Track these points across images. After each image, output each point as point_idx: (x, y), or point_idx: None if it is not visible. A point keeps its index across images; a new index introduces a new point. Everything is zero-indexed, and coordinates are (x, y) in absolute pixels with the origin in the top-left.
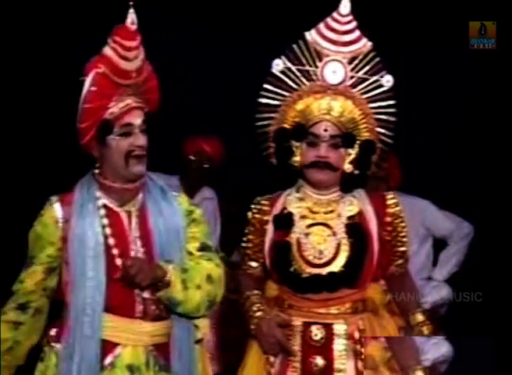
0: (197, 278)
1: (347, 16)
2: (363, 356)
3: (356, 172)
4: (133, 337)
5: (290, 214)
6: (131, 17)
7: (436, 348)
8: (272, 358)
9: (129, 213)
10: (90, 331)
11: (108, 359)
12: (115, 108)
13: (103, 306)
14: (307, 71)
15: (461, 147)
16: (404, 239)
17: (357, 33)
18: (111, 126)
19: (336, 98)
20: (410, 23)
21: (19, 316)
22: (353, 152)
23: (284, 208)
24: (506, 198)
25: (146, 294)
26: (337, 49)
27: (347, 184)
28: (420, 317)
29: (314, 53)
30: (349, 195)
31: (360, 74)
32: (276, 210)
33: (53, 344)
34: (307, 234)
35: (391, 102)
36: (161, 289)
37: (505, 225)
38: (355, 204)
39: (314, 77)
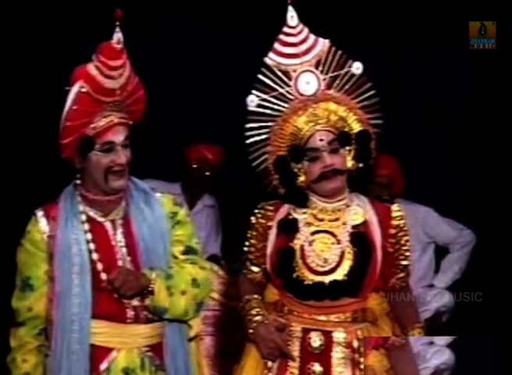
0: (182, 284)
1: (297, 26)
2: (362, 366)
3: (360, 165)
4: (126, 340)
5: (295, 220)
6: (117, 36)
7: (438, 356)
8: (269, 363)
9: (113, 222)
10: (78, 347)
11: (104, 365)
12: (96, 124)
13: (89, 322)
14: (282, 94)
15: (461, 147)
16: (407, 253)
17: (312, 37)
18: (92, 143)
19: (318, 106)
20: (410, 23)
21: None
22: (352, 148)
23: (289, 214)
24: (506, 198)
25: (135, 302)
26: (301, 60)
27: (355, 180)
28: (417, 333)
29: (281, 74)
30: (354, 204)
31: (330, 74)
32: (280, 215)
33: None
34: (311, 241)
35: (367, 86)
36: (147, 297)
37: (505, 225)
38: (360, 213)
39: (291, 97)
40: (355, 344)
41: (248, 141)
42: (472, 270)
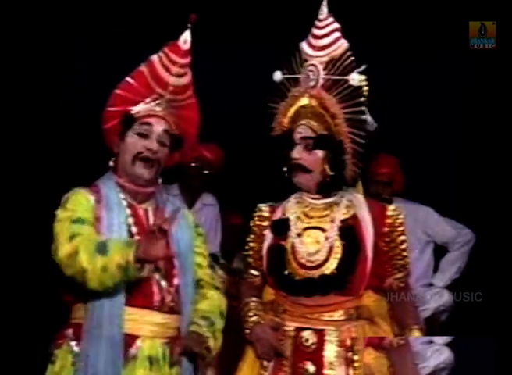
0: (218, 322)
1: (324, 20)
2: (356, 364)
3: (331, 173)
4: (150, 328)
5: (287, 219)
6: (184, 37)
7: (437, 355)
8: (265, 363)
9: (146, 211)
10: (115, 311)
11: (132, 351)
12: (141, 108)
13: (124, 298)
14: (297, 78)
15: (461, 147)
16: (404, 253)
17: (335, 35)
18: (132, 121)
19: (310, 101)
20: (410, 23)
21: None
22: (329, 154)
23: (283, 214)
24: (506, 198)
25: (163, 283)
26: (314, 54)
27: (323, 186)
28: (417, 333)
29: (302, 61)
30: (345, 200)
31: (333, 76)
32: (276, 217)
33: (70, 342)
34: (300, 237)
35: (359, 100)
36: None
37: (505, 225)
38: (350, 207)
39: (300, 84)
40: (348, 342)
41: (266, 111)
42: (472, 270)
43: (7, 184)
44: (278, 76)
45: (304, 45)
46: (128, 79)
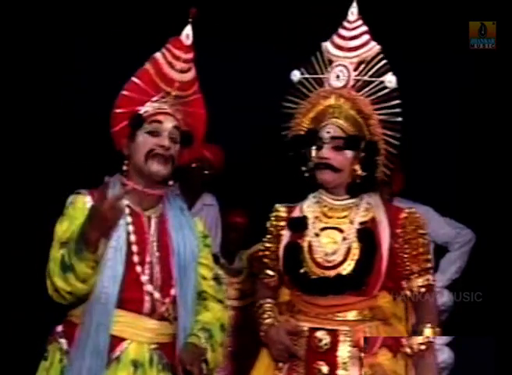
0: (218, 335)
1: (354, 22)
2: (364, 363)
3: (363, 174)
4: (139, 332)
5: (304, 217)
6: (186, 32)
7: (437, 355)
8: (280, 364)
9: (149, 218)
10: (103, 320)
11: (116, 353)
12: (149, 107)
13: (117, 297)
14: (320, 78)
15: (461, 147)
16: (422, 257)
17: (365, 37)
18: (141, 121)
19: (340, 101)
20: (410, 23)
21: None
22: (360, 155)
23: (301, 213)
24: (506, 197)
25: (156, 295)
26: (344, 55)
27: (354, 187)
28: (427, 332)
29: (326, 61)
30: (364, 202)
31: (365, 77)
32: (294, 215)
33: (59, 339)
34: (318, 237)
35: (394, 102)
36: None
37: (505, 225)
38: (369, 210)
39: (325, 84)
40: (362, 342)
41: (282, 111)
42: (472, 270)
43: (7, 184)
44: (296, 75)
45: (328, 46)
46: (134, 79)
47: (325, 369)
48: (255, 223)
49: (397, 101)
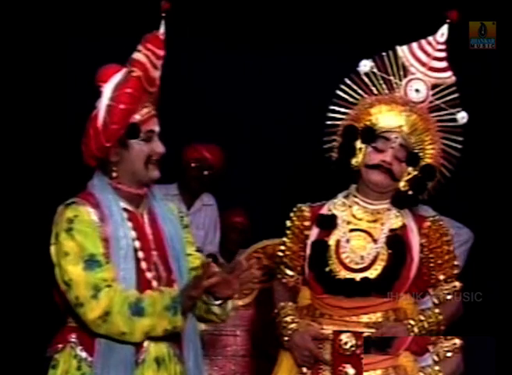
0: None
1: (442, 44)
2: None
3: (410, 192)
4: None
5: (334, 216)
6: (162, 28)
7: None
8: (304, 369)
9: (141, 215)
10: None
11: (141, 355)
12: (139, 114)
13: None
14: (390, 81)
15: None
16: (447, 265)
17: (446, 63)
18: (138, 131)
19: (411, 116)
20: (410, 22)
21: None
22: (413, 173)
23: (329, 210)
24: (506, 197)
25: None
26: (424, 71)
27: (399, 201)
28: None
29: (401, 67)
30: (395, 209)
31: (438, 102)
32: (323, 212)
33: (75, 347)
34: (347, 238)
35: (460, 138)
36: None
37: (505, 224)
38: (400, 217)
39: (396, 89)
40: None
41: (339, 94)
42: (472, 270)
43: (6, 184)
44: (367, 66)
45: (408, 55)
46: (128, 90)
47: (351, 371)
48: (255, 223)
49: (461, 138)
